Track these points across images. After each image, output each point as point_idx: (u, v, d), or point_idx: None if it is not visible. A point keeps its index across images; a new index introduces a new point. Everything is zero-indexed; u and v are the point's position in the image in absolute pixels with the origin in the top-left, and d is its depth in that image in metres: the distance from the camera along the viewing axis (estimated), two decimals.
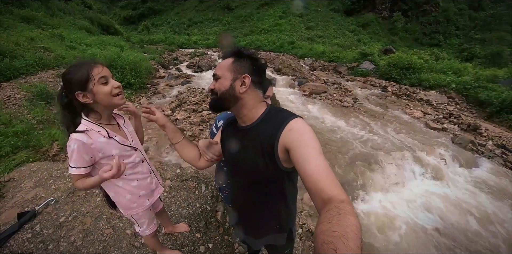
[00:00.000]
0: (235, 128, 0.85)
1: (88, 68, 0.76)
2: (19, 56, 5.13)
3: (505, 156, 3.88)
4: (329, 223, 0.40)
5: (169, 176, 2.11)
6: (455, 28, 28.05)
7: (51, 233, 1.53)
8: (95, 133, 0.81)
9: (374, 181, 3.03)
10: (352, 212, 0.43)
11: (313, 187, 0.54)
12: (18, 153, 2.65)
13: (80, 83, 0.75)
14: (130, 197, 0.99)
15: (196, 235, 1.59)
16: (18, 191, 1.95)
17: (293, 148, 0.62)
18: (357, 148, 3.77)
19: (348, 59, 11.96)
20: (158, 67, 9.21)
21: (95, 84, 0.76)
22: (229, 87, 0.73)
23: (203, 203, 1.87)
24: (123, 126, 0.96)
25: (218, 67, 0.76)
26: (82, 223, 1.59)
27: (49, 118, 3.62)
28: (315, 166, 0.56)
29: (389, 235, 2.33)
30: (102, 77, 0.78)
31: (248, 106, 0.75)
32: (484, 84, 7.04)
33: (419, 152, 3.65)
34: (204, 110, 4.51)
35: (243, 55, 0.74)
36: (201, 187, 2.02)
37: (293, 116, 0.69)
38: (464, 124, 5.09)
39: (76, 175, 0.82)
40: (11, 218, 1.64)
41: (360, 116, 5.14)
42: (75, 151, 0.78)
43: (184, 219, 1.68)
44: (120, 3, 46.45)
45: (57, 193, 1.88)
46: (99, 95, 0.78)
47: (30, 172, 2.21)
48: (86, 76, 0.75)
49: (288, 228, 0.91)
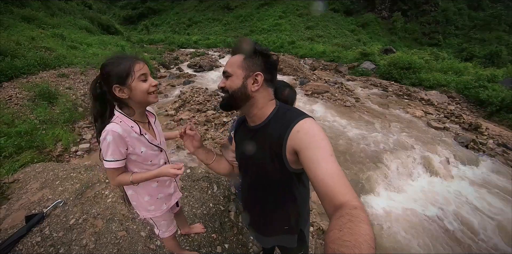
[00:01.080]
0: (245, 127, 0.83)
1: (130, 63, 0.75)
2: (20, 56, 5.10)
3: (506, 154, 3.92)
4: (341, 231, 0.38)
5: (180, 177, 2.09)
6: (454, 28, 28.15)
7: (61, 236, 1.48)
8: (128, 127, 0.80)
9: (378, 179, 3.05)
10: (365, 220, 0.40)
11: (324, 192, 0.51)
12: (22, 154, 2.62)
13: (120, 77, 0.74)
14: (148, 198, 0.97)
15: (212, 236, 1.58)
16: (23, 192, 1.90)
17: (302, 150, 0.59)
18: (361, 147, 3.78)
19: (349, 59, 11.99)
20: (159, 66, 9.20)
21: (135, 80, 0.75)
22: (241, 85, 0.69)
23: (216, 203, 1.85)
24: (154, 124, 0.94)
25: (228, 64, 0.72)
26: (93, 226, 1.54)
27: (52, 118, 3.59)
28: (325, 170, 0.53)
29: (392, 233, 2.35)
30: (142, 74, 0.77)
31: (258, 105, 0.73)
32: (484, 84, 7.08)
33: (422, 151, 3.67)
34: (209, 110, 4.50)
35: (255, 51, 0.70)
36: (213, 187, 2.01)
37: (302, 116, 0.66)
38: (466, 123, 5.12)
39: (114, 169, 0.80)
40: (19, 221, 1.58)
41: (363, 116, 5.15)
42: (112, 143, 0.75)
43: (199, 219, 1.67)
44: (119, 3, 46.35)
45: (65, 194, 1.83)
46: (136, 91, 0.77)
47: (35, 173, 2.16)
48: (128, 71, 0.74)
49: (298, 229, 0.89)
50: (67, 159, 2.82)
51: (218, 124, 3.99)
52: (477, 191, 3.06)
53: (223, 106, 0.76)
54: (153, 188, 0.96)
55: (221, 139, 3.57)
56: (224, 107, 0.76)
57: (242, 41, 0.73)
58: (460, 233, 2.42)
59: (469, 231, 2.44)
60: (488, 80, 7.61)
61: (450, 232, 2.41)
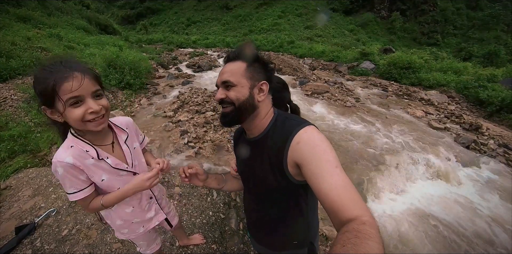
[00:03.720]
0: (244, 139, 0.79)
1: (55, 82, 0.54)
2: (15, 56, 5.01)
3: (507, 155, 3.89)
4: (344, 246, 0.36)
5: (178, 183, 2.03)
6: (453, 28, 28.24)
7: (53, 248, 1.41)
8: (82, 152, 0.65)
9: (379, 181, 3.02)
10: (373, 237, 0.37)
11: (329, 208, 0.48)
12: (15, 159, 2.53)
13: (45, 98, 0.57)
14: (121, 223, 0.85)
15: (212, 247, 1.51)
16: (15, 200, 1.83)
17: (304, 165, 0.56)
18: (362, 148, 3.75)
19: (348, 58, 11.96)
20: (158, 67, 9.11)
21: (64, 105, 0.57)
22: (248, 96, 0.64)
23: (216, 211, 1.79)
24: (124, 143, 0.76)
25: (228, 73, 0.65)
26: (87, 237, 1.48)
27: (47, 121, 3.52)
28: (329, 184, 0.50)
29: (393, 234, 2.33)
30: (72, 98, 0.56)
31: (261, 116, 0.69)
32: (484, 84, 7.06)
33: (424, 152, 3.65)
34: (208, 111, 4.44)
35: (258, 59, 0.65)
36: (212, 193, 1.95)
37: (302, 125, 0.61)
38: (466, 123, 5.09)
39: (81, 199, 0.67)
40: (8, 232, 1.51)
41: (364, 116, 5.11)
42: (65, 176, 0.63)
43: (198, 229, 1.61)
44: (118, 2, 46.14)
45: (58, 202, 1.76)
46: (67, 119, 0.60)
47: (28, 179, 2.09)
48: (51, 93, 0.55)
49: (308, 242, 0.84)
50: None
51: (218, 126, 3.93)
52: (479, 192, 3.04)
53: (228, 122, 0.68)
54: (126, 213, 0.83)
55: (221, 141, 3.51)
56: (229, 123, 0.68)
57: (244, 47, 0.66)
58: (462, 234, 2.39)
59: (471, 231, 2.42)
60: (488, 80, 7.61)
61: (451, 233, 2.40)
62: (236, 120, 0.68)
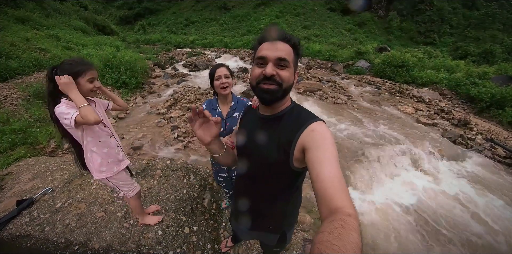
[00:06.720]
0: (255, 114, 0.82)
1: (86, 69, 1.07)
2: (15, 57, 5.14)
3: (493, 149, 3.98)
4: (331, 234, 0.38)
5: (160, 167, 2.19)
6: (449, 27, 28.36)
7: (47, 217, 1.63)
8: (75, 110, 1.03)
9: (362, 174, 3.08)
10: (356, 229, 0.40)
11: (322, 194, 0.51)
12: (16, 149, 2.71)
13: (75, 73, 1.04)
14: (100, 160, 1.19)
15: (181, 218, 1.69)
16: (16, 183, 2.03)
17: (311, 149, 0.60)
18: (347, 142, 3.83)
19: (344, 57, 12.07)
20: (154, 66, 9.23)
21: (84, 80, 1.07)
22: (293, 81, 0.68)
23: (190, 190, 1.95)
24: (95, 108, 1.19)
25: (284, 52, 0.63)
26: (76, 208, 1.70)
27: (46, 117, 3.66)
28: (329, 172, 0.53)
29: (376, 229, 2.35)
30: (91, 78, 1.09)
31: (286, 99, 0.73)
32: (475, 81, 7.19)
33: (409, 146, 3.71)
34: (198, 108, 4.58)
35: (299, 49, 0.68)
36: (189, 176, 2.11)
37: (317, 118, 0.67)
38: (455, 119, 5.21)
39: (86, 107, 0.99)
40: (10, 206, 1.73)
41: (352, 113, 5.23)
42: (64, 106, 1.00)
43: (171, 203, 1.77)
44: (116, 3, 46.05)
45: (54, 183, 1.97)
46: (81, 87, 1.06)
47: (28, 166, 2.28)
48: (82, 72, 1.06)
49: (281, 230, 0.89)
50: (60, 155, 2.90)
51: None
52: (463, 186, 3.09)
53: (272, 100, 0.68)
54: (103, 153, 1.20)
55: None
56: (272, 101, 0.68)
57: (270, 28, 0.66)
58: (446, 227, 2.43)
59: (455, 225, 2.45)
60: (479, 77, 7.73)
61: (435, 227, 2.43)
62: (278, 100, 0.69)
